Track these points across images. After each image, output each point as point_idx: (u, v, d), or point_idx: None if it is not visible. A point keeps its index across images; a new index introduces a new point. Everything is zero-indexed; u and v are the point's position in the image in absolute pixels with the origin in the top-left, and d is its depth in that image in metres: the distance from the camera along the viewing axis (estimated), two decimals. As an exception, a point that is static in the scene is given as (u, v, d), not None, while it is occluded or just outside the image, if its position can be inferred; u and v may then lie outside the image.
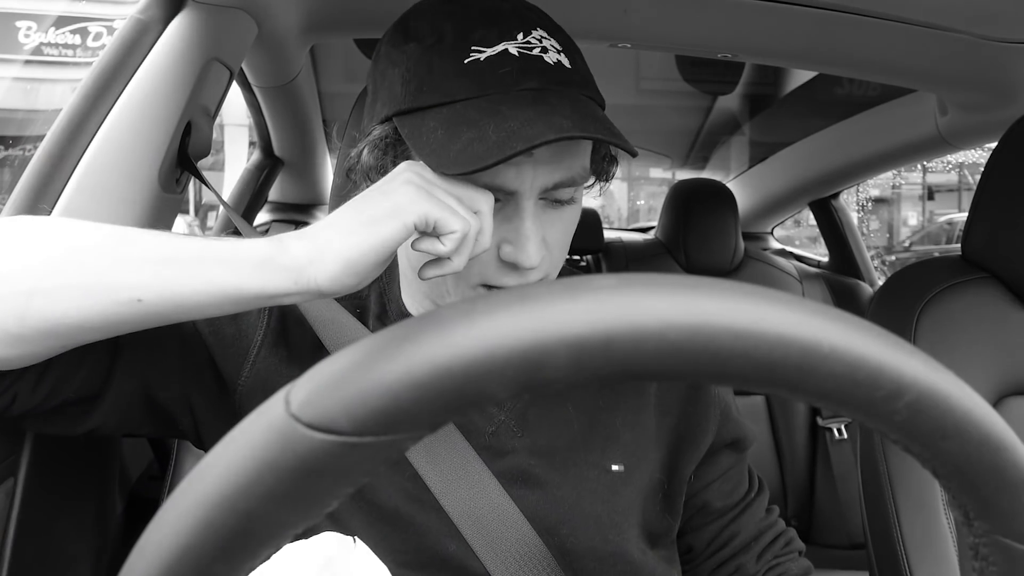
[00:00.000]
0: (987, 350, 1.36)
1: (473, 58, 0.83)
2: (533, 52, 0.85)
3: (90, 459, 1.19)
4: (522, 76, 0.83)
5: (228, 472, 0.32)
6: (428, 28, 0.87)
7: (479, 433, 0.96)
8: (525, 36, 0.85)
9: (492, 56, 0.83)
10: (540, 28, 0.87)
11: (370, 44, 2.09)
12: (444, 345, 0.31)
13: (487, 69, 0.83)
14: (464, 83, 0.83)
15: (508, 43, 0.84)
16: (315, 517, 0.33)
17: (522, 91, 0.82)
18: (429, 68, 0.85)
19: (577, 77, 0.87)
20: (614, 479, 0.98)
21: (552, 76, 0.84)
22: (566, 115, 0.80)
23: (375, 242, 0.74)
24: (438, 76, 0.84)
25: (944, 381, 0.34)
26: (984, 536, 0.39)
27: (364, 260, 0.74)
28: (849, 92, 2.47)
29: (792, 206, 3.37)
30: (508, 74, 0.83)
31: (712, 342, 0.31)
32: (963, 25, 1.44)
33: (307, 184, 2.73)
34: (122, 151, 1.13)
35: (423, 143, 0.83)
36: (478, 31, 0.85)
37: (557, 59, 0.86)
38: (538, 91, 0.83)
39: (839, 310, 0.34)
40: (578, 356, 0.31)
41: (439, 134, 0.82)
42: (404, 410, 0.31)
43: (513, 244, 0.86)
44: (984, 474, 0.36)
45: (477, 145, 0.78)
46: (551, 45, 0.87)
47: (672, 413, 1.05)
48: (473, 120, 0.81)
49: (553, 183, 0.86)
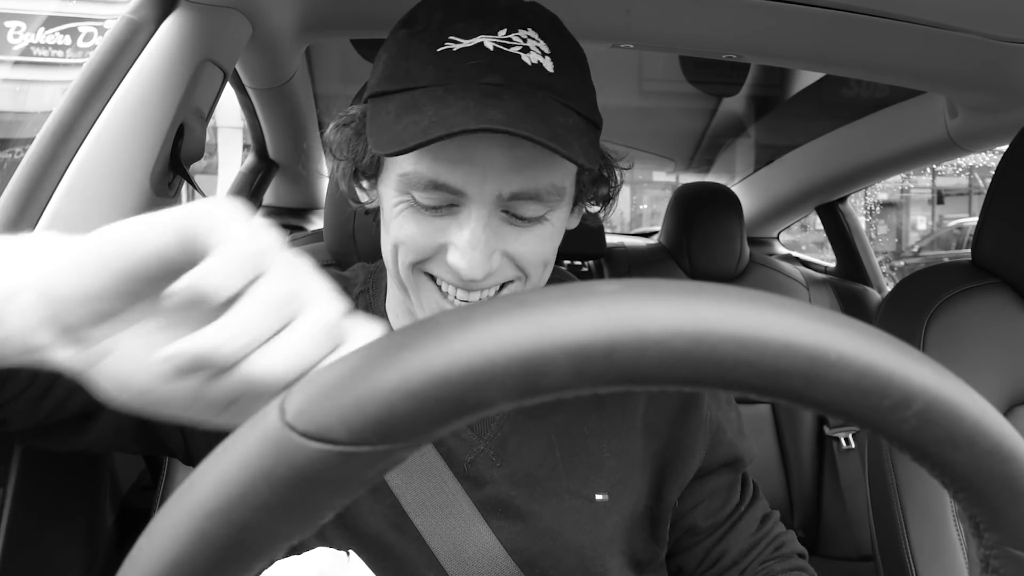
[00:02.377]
0: (998, 358, 1.36)
1: (446, 47, 0.84)
2: (510, 49, 0.84)
3: (81, 469, 1.19)
4: (488, 70, 0.82)
5: (222, 482, 0.32)
6: (423, 16, 0.88)
7: (457, 462, 0.96)
8: (509, 33, 0.84)
9: (465, 48, 0.83)
10: (532, 28, 0.86)
11: (367, 45, 2.09)
12: (442, 352, 0.31)
13: (456, 60, 0.83)
14: (430, 71, 0.83)
15: (486, 37, 0.84)
16: (310, 528, 0.33)
17: (483, 84, 0.81)
18: (406, 54, 0.86)
19: (558, 83, 0.85)
20: (597, 509, 0.97)
21: (522, 75, 0.83)
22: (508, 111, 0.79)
23: None
24: (410, 62, 0.85)
25: (954, 389, 0.34)
26: (995, 548, 0.39)
27: None
28: (857, 94, 2.47)
29: (798, 210, 3.37)
30: (475, 67, 0.82)
31: (716, 349, 0.31)
32: (974, 25, 1.44)
33: (302, 188, 2.73)
34: (113, 154, 1.13)
35: (375, 124, 0.84)
36: (460, 22, 0.85)
37: (538, 61, 0.84)
38: (497, 87, 0.81)
39: (846, 317, 0.35)
40: (580, 364, 0.31)
41: (390, 118, 0.82)
42: (401, 419, 0.31)
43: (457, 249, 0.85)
44: (995, 484, 0.36)
45: (410, 129, 0.79)
46: (536, 47, 0.85)
47: (660, 437, 1.04)
48: (421, 105, 0.81)
49: (509, 193, 0.84)
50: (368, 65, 0.96)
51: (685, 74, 2.50)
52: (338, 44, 2.19)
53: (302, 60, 1.95)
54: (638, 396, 1.04)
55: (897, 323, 1.43)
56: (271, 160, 2.47)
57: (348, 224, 1.30)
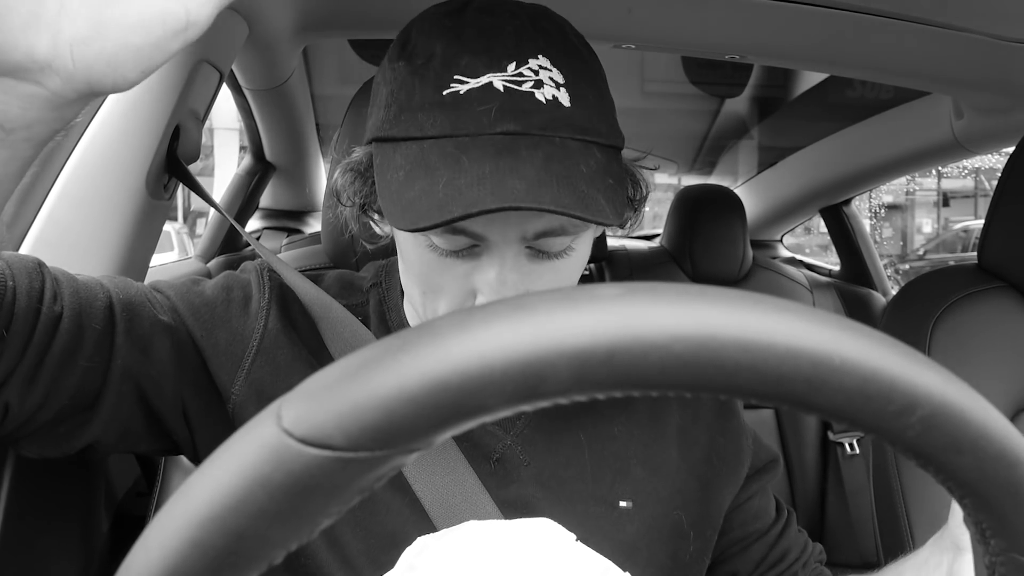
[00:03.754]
0: (1004, 362, 1.36)
1: (453, 89, 0.79)
2: (522, 87, 0.79)
3: (75, 475, 1.18)
4: (500, 117, 0.78)
5: (217, 489, 0.32)
6: (422, 45, 0.83)
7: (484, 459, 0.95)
8: (518, 66, 0.80)
9: (473, 89, 0.79)
10: (544, 56, 0.82)
11: (365, 45, 2.09)
12: (440, 357, 0.31)
13: (464, 104, 0.79)
14: (437, 118, 0.80)
15: (494, 75, 0.79)
16: (307, 536, 0.33)
17: (495, 135, 0.78)
18: (410, 94, 0.82)
19: (576, 118, 0.81)
20: (620, 515, 0.96)
21: (536, 119, 0.79)
22: (525, 175, 0.75)
23: None
24: (416, 105, 0.81)
25: (959, 394, 0.34)
26: (1001, 555, 0.39)
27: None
28: (861, 95, 2.48)
29: (802, 213, 3.38)
30: (485, 113, 0.78)
31: (719, 354, 0.31)
32: (980, 25, 1.44)
33: (300, 190, 2.73)
34: (108, 156, 1.13)
35: (385, 183, 0.81)
36: (465, 57, 0.80)
37: (553, 95, 0.80)
38: (513, 136, 0.78)
39: (851, 320, 0.34)
40: (580, 369, 0.31)
41: (400, 175, 0.80)
42: (400, 424, 0.31)
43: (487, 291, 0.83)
44: (1001, 491, 0.36)
45: (424, 200, 0.76)
46: (549, 78, 0.81)
47: (699, 445, 1.03)
48: (433, 166, 0.78)
49: (534, 233, 0.82)
50: (366, 66, 0.96)
51: (687, 75, 2.51)
52: (336, 45, 2.20)
53: (299, 61, 1.96)
54: (669, 401, 1.02)
55: (902, 327, 1.43)
56: (268, 162, 2.47)
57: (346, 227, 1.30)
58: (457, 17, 0.84)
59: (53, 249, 1.08)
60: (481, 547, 0.66)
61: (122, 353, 0.86)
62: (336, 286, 1.04)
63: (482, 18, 0.83)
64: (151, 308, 0.90)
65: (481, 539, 0.67)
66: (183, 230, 11.71)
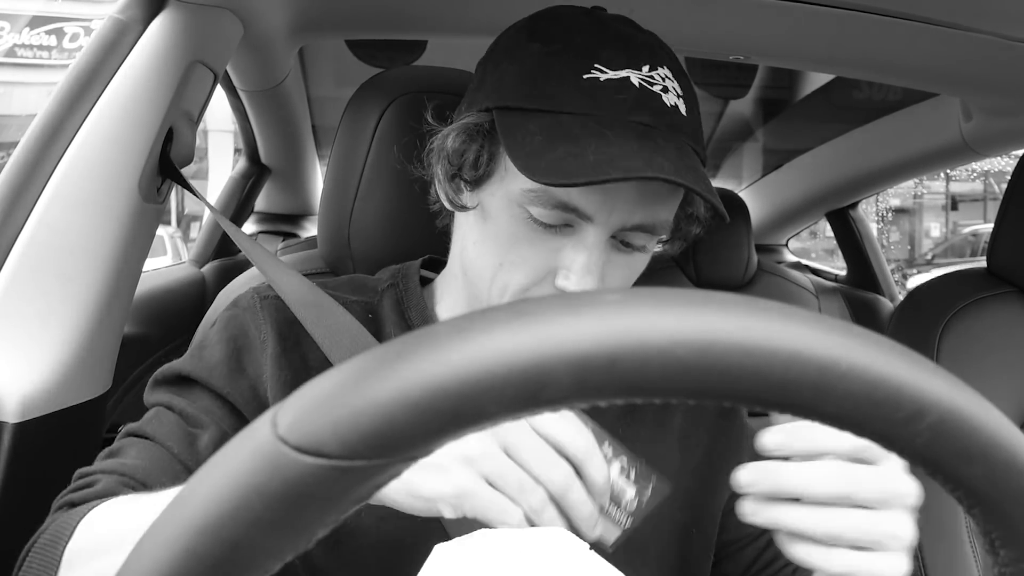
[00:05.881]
0: (1014, 368, 1.36)
1: (593, 76, 0.85)
2: (654, 88, 0.86)
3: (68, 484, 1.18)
4: (636, 108, 0.85)
5: (212, 498, 0.32)
6: (558, 33, 0.89)
7: None
8: (651, 70, 0.87)
9: (612, 79, 0.85)
10: (667, 67, 0.90)
11: (363, 46, 2.09)
12: (439, 363, 0.31)
13: (603, 91, 0.85)
14: (577, 98, 0.85)
15: (632, 72, 0.86)
16: (303, 545, 0.33)
17: (631, 122, 0.84)
18: (546, 73, 0.87)
19: (689, 127, 0.89)
20: None
21: (665, 118, 0.86)
22: (669, 158, 0.81)
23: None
24: (553, 83, 0.86)
25: (968, 402, 0.34)
26: (1011, 565, 0.39)
27: None
28: (868, 96, 2.48)
29: (808, 217, 3.37)
30: (623, 102, 0.84)
31: (722, 360, 0.31)
32: (989, 25, 1.44)
33: (296, 193, 2.73)
34: (100, 159, 1.13)
35: (517, 144, 0.85)
36: (606, 51, 0.87)
37: (675, 103, 0.87)
38: (647, 127, 0.84)
39: (857, 326, 0.34)
40: (581, 375, 0.31)
41: (537, 139, 0.83)
42: (397, 432, 0.31)
43: (571, 273, 0.87)
44: (1011, 500, 0.36)
45: (572, 161, 0.80)
46: (673, 87, 0.88)
47: (700, 448, 1.04)
48: (575, 136, 0.82)
49: (632, 224, 0.87)
50: (364, 67, 0.97)
51: (691, 76, 2.50)
52: (332, 45, 2.20)
53: (295, 62, 1.96)
54: (674, 405, 1.04)
55: (910, 333, 1.43)
56: (263, 165, 2.47)
57: (343, 231, 1.30)
58: (595, 16, 0.93)
59: (44, 252, 1.08)
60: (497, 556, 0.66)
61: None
62: (348, 286, 1.06)
63: (618, 23, 0.93)
64: (189, 424, 0.94)
65: (496, 548, 0.67)
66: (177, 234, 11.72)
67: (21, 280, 1.07)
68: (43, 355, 1.07)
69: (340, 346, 0.96)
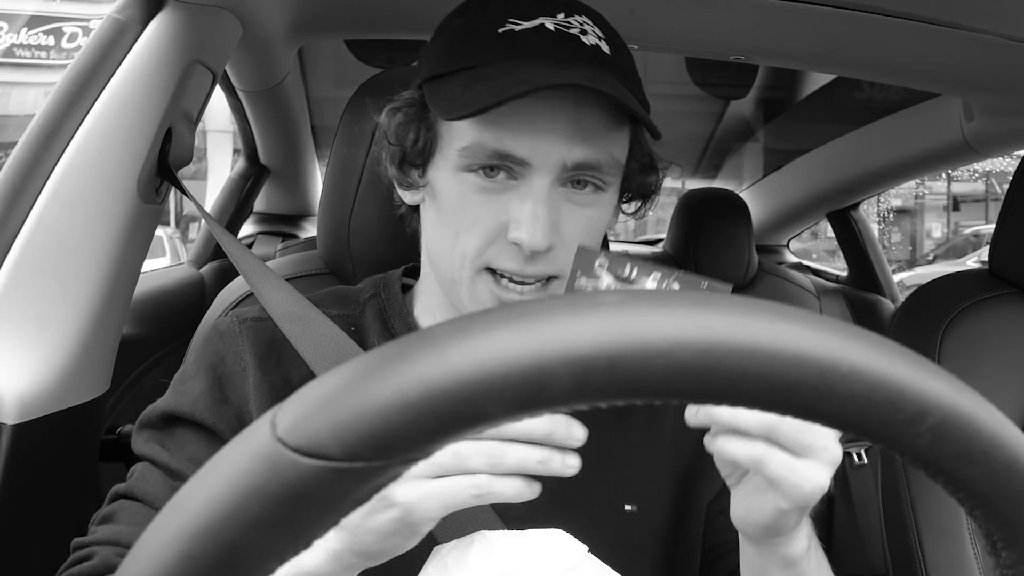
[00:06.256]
0: (1015, 369, 1.36)
1: (508, 28, 0.88)
2: (571, 31, 0.88)
3: (67, 485, 1.18)
4: (553, 48, 0.87)
5: (211, 500, 0.32)
6: (476, 4, 0.93)
7: None
8: (567, 16, 0.89)
9: (527, 28, 0.87)
10: (585, 15, 0.91)
11: (362, 46, 2.09)
12: (438, 364, 0.31)
13: (519, 39, 0.87)
14: (493, 49, 0.88)
15: (546, 18, 0.88)
16: (302, 547, 0.33)
17: (551, 58, 0.86)
18: (464, 37, 0.91)
19: (618, 65, 0.90)
20: (626, 520, 0.97)
21: (585, 54, 0.88)
22: (585, 74, 0.83)
23: None
24: (470, 43, 0.90)
25: (970, 403, 0.34)
26: (1012, 567, 0.39)
27: None
28: (869, 96, 2.48)
29: (809, 217, 3.38)
30: (539, 45, 0.87)
31: (724, 362, 0.31)
32: (990, 25, 1.44)
33: (295, 194, 2.73)
34: (99, 159, 1.13)
35: (439, 99, 0.88)
36: (519, 7, 0.89)
37: (595, 43, 0.89)
38: (566, 60, 0.87)
39: (858, 328, 0.34)
40: (582, 376, 0.31)
41: (456, 91, 0.86)
42: (397, 434, 0.31)
43: (521, 223, 0.87)
44: (1012, 501, 0.36)
45: (484, 93, 0.82)
46: (593, 31, 0.90)
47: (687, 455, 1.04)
48: (490, 76, 0.84)
49: (573, 162, 0.87)
50: (363, 67, 0.98)
51: (691, 76, 2.50)
52: (331, 45, 2.20)
53: (294, 62, 1.96)
54: (665, 409, 1.04)
55: (911, 334, 1.43)
56: (262, 165, 2.47)
57: (342, 231, 1.30)
58: None
59: (43, 253, 1.08)
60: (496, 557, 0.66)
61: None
62: (328, 300, 1.06)
63: None
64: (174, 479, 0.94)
65: (496, 549, 0.67)
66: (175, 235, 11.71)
67: (19, 281, 1.07)
68: (42, 356, 1.07)
69: (326, 358, 0.96)
